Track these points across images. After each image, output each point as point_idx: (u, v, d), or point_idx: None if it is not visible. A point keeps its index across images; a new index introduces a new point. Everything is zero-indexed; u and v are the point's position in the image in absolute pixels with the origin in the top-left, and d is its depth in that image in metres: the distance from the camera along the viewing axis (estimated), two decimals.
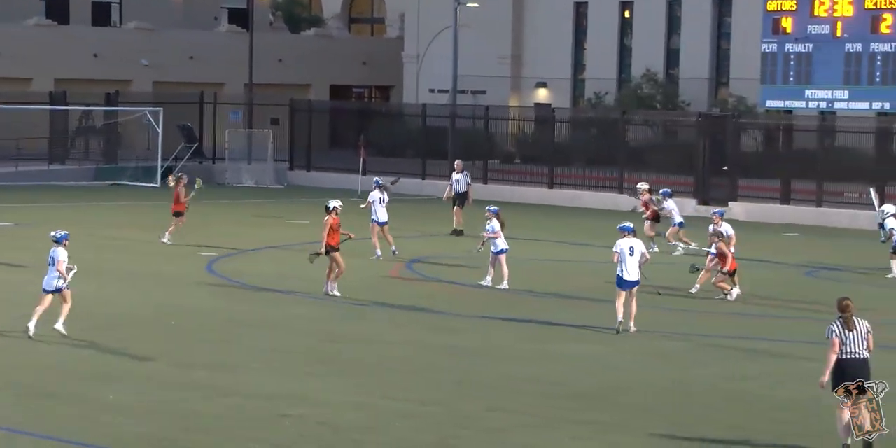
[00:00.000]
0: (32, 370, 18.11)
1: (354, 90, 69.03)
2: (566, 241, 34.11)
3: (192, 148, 51.21)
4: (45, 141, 51.61)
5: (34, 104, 51.47)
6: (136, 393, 16.77)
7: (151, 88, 58.66)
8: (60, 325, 20.03)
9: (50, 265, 19.89)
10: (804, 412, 16.32)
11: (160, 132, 48.36)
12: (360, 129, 51.01)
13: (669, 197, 31.90)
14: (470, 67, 57.24)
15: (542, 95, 60.68)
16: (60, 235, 20.00)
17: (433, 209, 40.85)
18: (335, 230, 24.30)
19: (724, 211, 27.38)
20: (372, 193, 30.33)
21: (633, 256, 21.29)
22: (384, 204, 30.05)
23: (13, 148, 48.33)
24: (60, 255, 19.81)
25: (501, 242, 25.78)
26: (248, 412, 15.96)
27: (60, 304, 20.02)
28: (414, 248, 30.87)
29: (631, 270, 21.30)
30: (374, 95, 70.37)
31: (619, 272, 21.36)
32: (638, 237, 21.93)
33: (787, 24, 41.51)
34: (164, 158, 48.64)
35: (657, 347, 20.54)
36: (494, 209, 26.36)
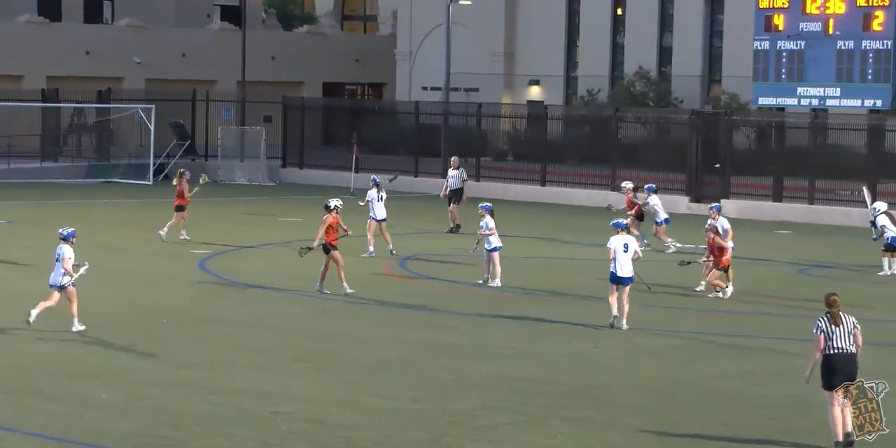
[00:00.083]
0: (21, 368, 18.08)
1: (347, 87, 69.02)
2: (558, 238, 34.10)
3: (184, 145, 51.18)
4: (37, 138, 51.56)
5: (26, 101, 51.44)
6: (125, 391, 16.75)
7: (144, 86, 58.59)
8: (77, 325, 20.10)
9: (57, 261, 19.94)
10: (796, 409, 16.32)
11: (152, 129, 48.33)
12: (352, 126, 50.98)
13: (654, 192, 31.75)
14: (463, 65, 57.22)
15: (534, 93, 60.69)
16: (67, 233, 20.03)
17: (426, 206, 40.85)
18: (333, 229, 24.28)
19: (720, 206, 27.15)
20: (370, 192, 30.37)
21: (626, 253, 21.43)
22: (382, 201, 30.11)
23: (5, 145, 48.31)
24: (66, 252, 19.86)
25: (495, 240, 25.78)
26: (238, 409, 15.95)
27: (68, 305, 20.04)
28: (406, 245, 30.86)
29: (624, 267, 21.41)
30: (366, 93, 70.36)
31: (612, 269, 21.46)
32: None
33: (779, 21, 41.54)
34: (156, 156, 48.63)
35: (648, 345, 20.54)
36: (487, 206, 26.35)
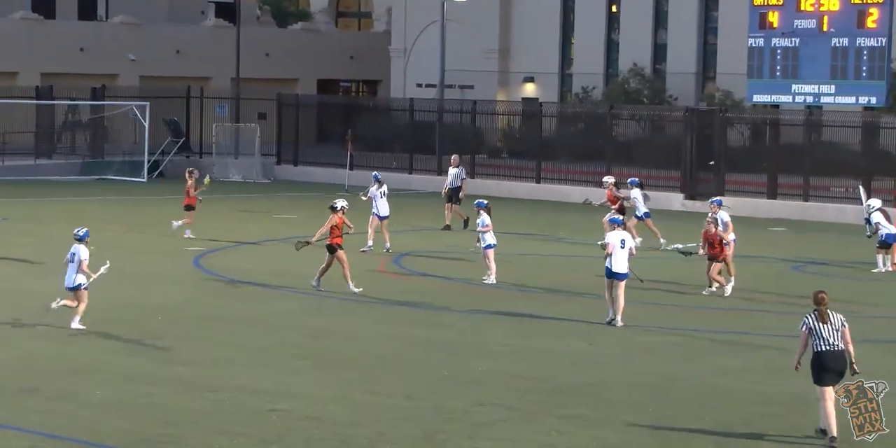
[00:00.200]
0: (17, 365, 18.08)
1: (342, 84, 68.97)
2: (553, 235, 34.10)
3: (178, 142, 51.15)
4: (31, 135, 51.48)
5: (20, 98, 51.34)
6: (121, 388, 16.76)
7: (138, 83, 58.53)
8: (76, 323, 20.16)
9: (70, 262, 20.03)
10: (790, 406, 16.34)
11: (147, 127, 48.29)
12: (347, 123, 50.95)
13: (637, 186, 31.71)
14: (457, 62, 57.21)
15: (529, 90, 60.67)
16: (83, 233, 20.16)
17: (420, 203, 40.84)
18: (338, 229, 24.21)
19: (721, 200, 26.56)
20: (371, 188, 30.40)
21: (623, 249, 21.45)
22: (384, 197, 30.14)
23: None
24: (83, 253, 19.97)
25: (490, 237, 25.78)
26: (234, 407, 15.95)
27: (77, 302, 20.14)
28: (402, 242, 30.85)
29: (620, 263, 21.44)
30: (361, 90, 70.32)
31: (608, 264, 21.50)
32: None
33: (773, 18, 41.52)
34: (150, 153, 48.59)
35: (644, 342, 20.56)
36: (482, 203, 26.37)
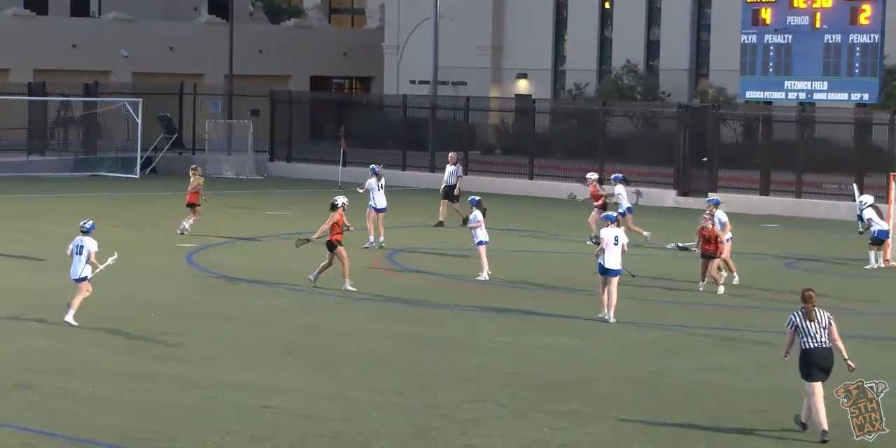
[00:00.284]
0: (8, 362, 18.05)
1: (335, 81, 68.96)
2: (546, 232, 34.10)
3: (171, 139, 51.11)
4: (23, 132, 51.47)
5: (13, 95, 51.33)
6: (113, 385, 16.74)
7: (131, 79, 58.53)
8: (70, 316, 20.21)
9: (77, 255, 20.15)
10: (780, 402, 16.35)
11: (140, 123, 48.26)
12: (340, 120, 50.93)
13: (620, 182, 31.69)
14: (450, 58, 57.21)
15: (522, 86, 60.68)
16: (89, 225, 20.37)
17: (413, 200, 40.83)
18: (339, 226, 24.19)
19: (718, 199, 26.09)
20: (369, 181, 30.40)
21: (616, 246, 21.49)
22: (382, 190, 30.14)
23: None
24: (91, 245, 20.13)
25: (481, 234, 25.77)
26: (226, 403, 15.95)
27: (73, 295, 20.24)
28: (394, 238, 30.85)
29: (613, 259, 21.48)
30: (354, 86, 70.30)
31: (600, 261, 21.53)
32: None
33: (766, 15, 41.54)
34: (143, 149, 48.56)
35: (636, 338, 20.58)
36: (475, 199, 26.36)
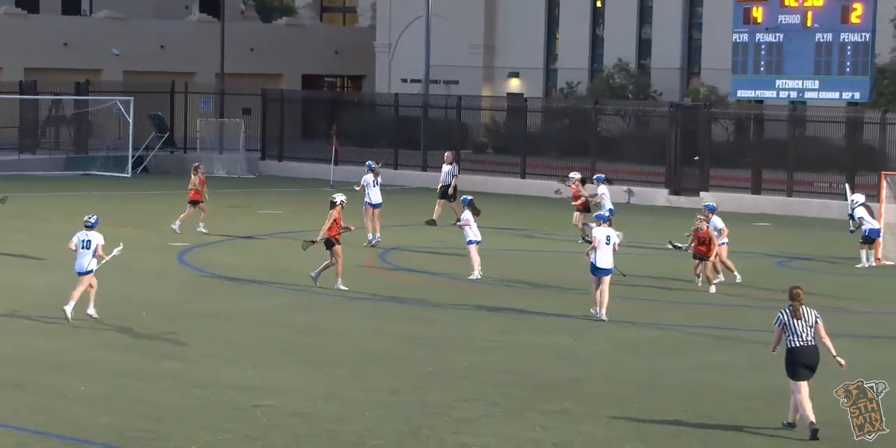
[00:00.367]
0: (4, 361, 18.03)
1: (326, 80, 68.93)
2: (538, 231, 34.12)
3: (163, 137, 51.07)
4: (15, 130, 51.39)
5: (4, 93, 51.23)
6: (107, 384, 16.74)
7: (122, 78, 58.44)
8: (92, 309, 20.62)
9: (84, 249, 20.48)
10: (773, 401, 16.38)
11: (131, 122, 48.22)
12: (332, 118, 50.92)
13: (603, 182, 31.73)
14: (442, 57, 57.20)
15: (514, 85, 60.70)
16: (94, 220, 20.86)
17: (405, 199, 40.82)
18: (337, 224, 24.22)
19: (714, 205, 25.91)
20: (365, 177, 30.46)
21: (607, 245, 21.56)
22: (377, 186, 30.19)
23: None
24: (99, 238, 20.55)
25: (471, 233, 25.75)
26: (220, 403, 15.95)
27: (75, 289, 20.52)
28: (387, 237, 30.84)
29: (605, 259, 21.53)
30: (346, 85, 70.28)
31: (592, 260, 21.56)
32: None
33: (757, 13, 41.59)
34: (135, 148, 48.54)
35: (628, 337, 20.61)
36: (466, 199, 26.38)
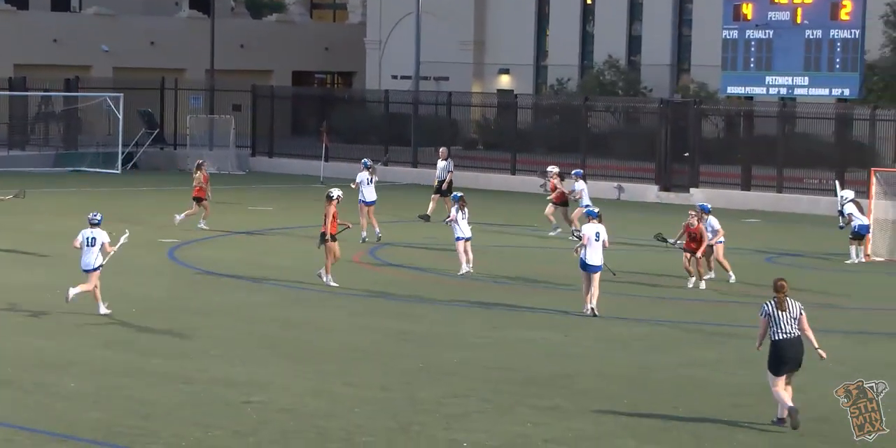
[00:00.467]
0: None
1: (316, 76, 68.86)
2: (529, 227, 34.14)
3: (152, 134, 51.03)
4: (4, 127, 51.32)
5: None
6: (95, 380, 16.72)
7: (112, 74, 58.33)
8: (104, 308, 20.83)
9: (89, 246, 20.81)
10: (762, 397, 16.39)
11: (121, 118, 48.17)
12: (322, 115, 50.89)
13: (581, 178, 31.86)
14: (432, 54, 57.18)
15: (504, 82, 60.67)
16: (99, 218, 21.12)
17: (395, 195, 40.82)
18: (335, 219, 24.20)
19: (708, 206, 25.80)
20: (360, 174, 30.44)
21: (597, 242, 21.58)
22: (372, 184, 30.18)
23: None
24: (104, 236, 20.90)
25: (458, 230, 25.72)
26: (209, 399, 15.94)
27: (84, 285, 20.77)
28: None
29: (594, 255, 21.57)
30: (336, 82, 70.23)
31: (581, 256, 21.59)
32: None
33: (747, 10, 41.65)
34: (124, 145, 48.49)
35: (619, 333, 20.63)
36: (455, 196, 26.38)
